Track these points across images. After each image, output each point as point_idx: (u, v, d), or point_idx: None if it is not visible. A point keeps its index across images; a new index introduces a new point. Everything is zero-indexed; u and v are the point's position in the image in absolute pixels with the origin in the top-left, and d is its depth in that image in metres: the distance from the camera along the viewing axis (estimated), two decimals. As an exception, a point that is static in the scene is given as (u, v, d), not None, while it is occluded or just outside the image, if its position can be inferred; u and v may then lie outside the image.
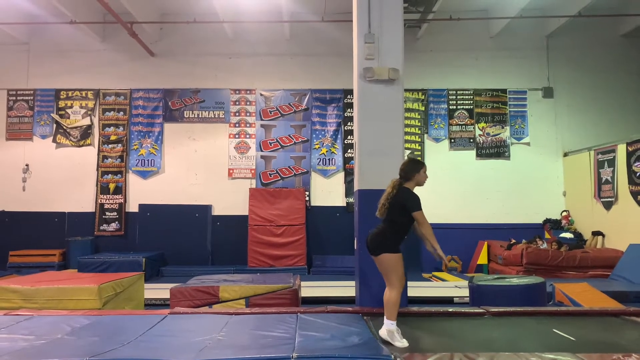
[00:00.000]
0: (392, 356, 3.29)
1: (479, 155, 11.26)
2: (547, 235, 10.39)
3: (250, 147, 11.24)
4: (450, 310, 5.06)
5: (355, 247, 5.48)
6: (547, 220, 10.81)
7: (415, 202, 3.93)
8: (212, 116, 11.26)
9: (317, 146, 11.27)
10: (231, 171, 11.19)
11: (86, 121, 11.20)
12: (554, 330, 4.33)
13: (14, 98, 11.26)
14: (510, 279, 5.83)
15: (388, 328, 3.69)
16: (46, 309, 5.16)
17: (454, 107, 11.34)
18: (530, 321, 4.68)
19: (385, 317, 3.76)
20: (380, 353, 3.35)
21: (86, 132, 11.19)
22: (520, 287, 5.41)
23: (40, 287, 5.55)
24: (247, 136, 11.26)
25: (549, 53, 11.27)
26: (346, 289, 7.36)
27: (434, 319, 4.79)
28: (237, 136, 11.26)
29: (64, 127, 11.18)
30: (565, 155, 11.11)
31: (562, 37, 11.12)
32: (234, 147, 11.23)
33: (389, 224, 3.98)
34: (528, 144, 11.26)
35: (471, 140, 11.29)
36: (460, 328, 4.47)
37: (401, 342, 3.65)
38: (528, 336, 4.22)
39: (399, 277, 3.83)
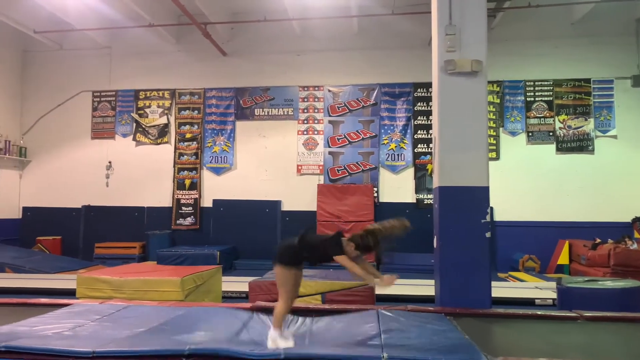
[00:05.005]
0: (487, 359, 3.15)
1: (560, 150, 10.65)
2: (637, 235, 9.65)
3: (318, 144, 11.28)
4: (539, 313, 4.79)
5: (435, 245, 5.32)
6: (638, 219, 10.03)
7: (338, 247, 3.65)
8: (282, 113, 11.41)
9: (385, 141, 11.12)
10: (300, 167, 11.30)
11: (163, 120, 11.71)
12: (661, 339, 3.98)
13: (98, 99, 11.98)
14: (603, 282, 5.44)
15: (271, 336, 3.52)
16: (133, 299, 5.41)
17: (532, 98, 10.77)
18: (630, 328, 4.34)
19: (272, 325, 3.62)
20: (473, 355, 3.22)
21: (163, 131, 11.71)
22: (616, 291, 5.03)
23: (128, 279, 5.85)
24: (315, 132, 11.31)
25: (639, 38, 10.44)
26: (420, 287, 7.21)
27: (522, 322, 4.56)
28: (305, 133, 11.33)
29: (143, 126, 11.75)
30: (658, 148, 10.27)
31: (654, 21, 10.27)
32: (303, 144, 11.32)
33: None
34: (615, 136, 10.50)
35: (551, 134, 10.69)
36: (552, 332, 4.22)
37: (286, 342, 3.46)
38: (631, 344, 3.91)
39: (287, 291, 3.64)
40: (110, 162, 11.78)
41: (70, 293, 6.17)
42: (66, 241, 11.57)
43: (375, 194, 10.92)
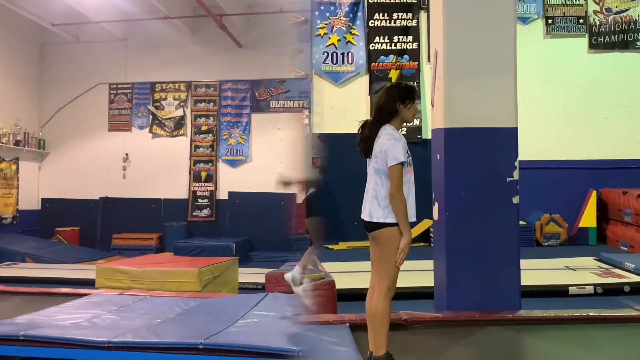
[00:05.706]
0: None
1: (594, 46, 7.67)
2: None
3: (333, 136, 11.21)
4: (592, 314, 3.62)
5: (436, 217, 3.85)
6: None
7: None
8: (297, 106, 11.36)
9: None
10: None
11: (179, 112, 11.75)
12: None
13: (115, 92, 12.05)
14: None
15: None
16: (152, 290, 5.44)
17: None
18: None
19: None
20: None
21: (179, 123, 11.75)
22: None
23: (147, 269, 5.90)
24: (331, 125, 11.23)
25: None
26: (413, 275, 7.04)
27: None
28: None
29: (159, 118, 11.81)
30: None
31: None
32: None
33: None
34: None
35: (581, 21, 7.75)
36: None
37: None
38: None
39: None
40: (127, 154, 11.86)
41: (89, 283, 6.24)
42: (84, 232, 11.70)
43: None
